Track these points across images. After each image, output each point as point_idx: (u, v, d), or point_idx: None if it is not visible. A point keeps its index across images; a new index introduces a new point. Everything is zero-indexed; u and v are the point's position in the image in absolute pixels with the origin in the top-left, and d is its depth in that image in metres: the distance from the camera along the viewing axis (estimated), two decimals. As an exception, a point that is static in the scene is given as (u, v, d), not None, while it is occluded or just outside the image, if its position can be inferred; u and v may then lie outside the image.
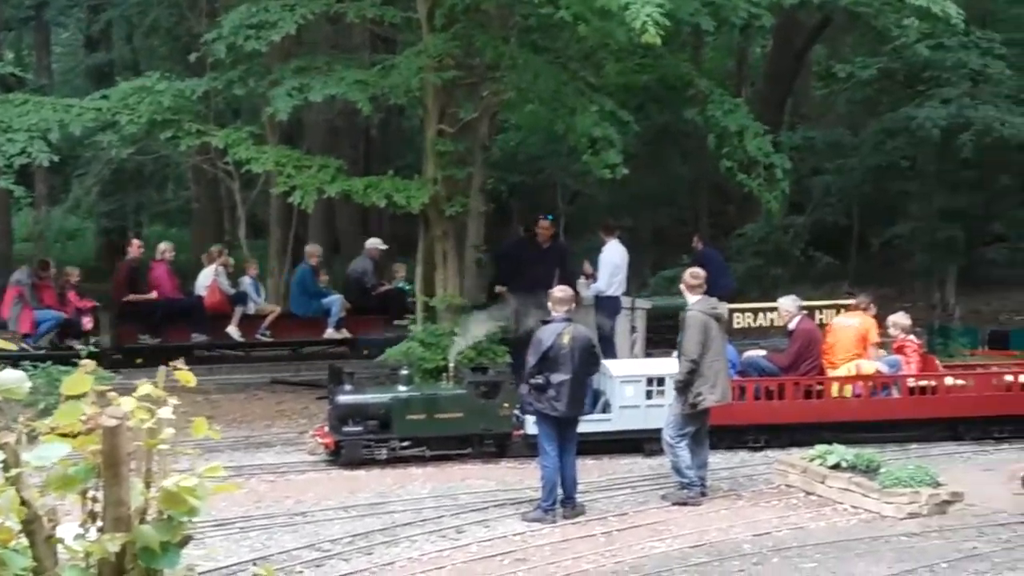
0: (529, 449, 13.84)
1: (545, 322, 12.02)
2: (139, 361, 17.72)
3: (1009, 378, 15.74)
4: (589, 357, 11.80)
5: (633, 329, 17.86)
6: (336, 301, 20.43)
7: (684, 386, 12.14)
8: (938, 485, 11.88)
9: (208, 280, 20.38)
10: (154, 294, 19.97)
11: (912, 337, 16.19)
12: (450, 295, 17.02)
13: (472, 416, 13.81)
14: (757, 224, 26.45)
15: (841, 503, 12.00)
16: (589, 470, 12.47)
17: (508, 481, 12.94)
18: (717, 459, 13.66)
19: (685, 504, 12.00)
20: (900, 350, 15.85)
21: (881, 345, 15.83)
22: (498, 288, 17.85)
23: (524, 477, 12.97)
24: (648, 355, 17.00)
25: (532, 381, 11.67)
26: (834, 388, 15.09)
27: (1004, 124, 21.86)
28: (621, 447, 14.00)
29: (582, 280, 17.98)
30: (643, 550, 10.46)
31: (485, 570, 9.88)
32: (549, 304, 12.12)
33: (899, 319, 16.25)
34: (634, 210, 30.86)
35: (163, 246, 21.00)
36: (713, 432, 13.06)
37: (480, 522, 11.37)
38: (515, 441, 13.98)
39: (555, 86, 16.34)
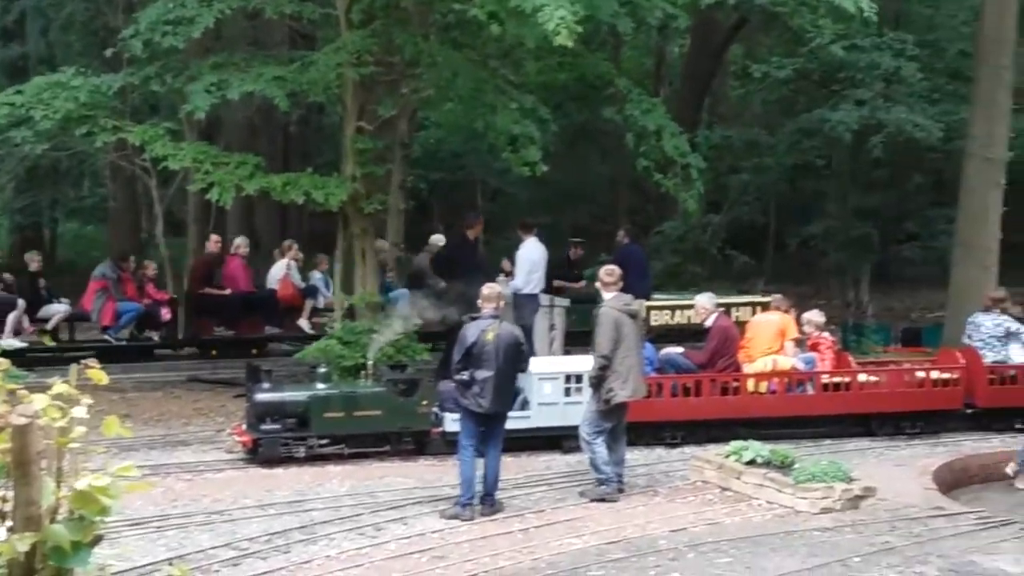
0: (448, 447, 13.86)
1: (473, 318, 12.11)
2: (214, 352, 18.73)
3: (921, 374, 15.99)
4: (515, 354, 11.84)
5: (552, 327, 17.94)
6: (403, 296, 20.36)
7: (597, 382, 12.23)
8: (851, 480, 12.03)
9: (280, 274, 21.34)
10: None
11: (826, 334, 16.42)
12: (369, 293, 17.00)
13: (390, 414, 13.79)
14: (675, 222, 26.67)
15: (756, 499, 12.12)
16: (507, 467, 12.49)
17: (427, 479, 12.94)
18: (635, 455, 13.76)
19: (603, 500, 12.07)
20: (814, 347, 16.06)
21: (798, 342, 16.01)
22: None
23: (443, 475, 12.99)
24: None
25: (457, 377, 11.78)
26: (750, 384, 15.26)
27: (915, 126, 22.24)
28: (539, 444, 14.06)
29: (501, 277, 18.03)
30: (560, 547, 10.51)
31: (403, 568, 9.88)
32: (478, 301, 12.18)
33: (813, 316, 16.46)
34: (554, 207, 31.04)
35: (239, 241, 21.76)
36: (631, 429, 13.16)
37: (399, 520, 11.35)
38: (434, 439, 13.99)
39: (474, 84, 16.37)
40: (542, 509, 11.80)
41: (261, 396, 13.64)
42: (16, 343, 18.57)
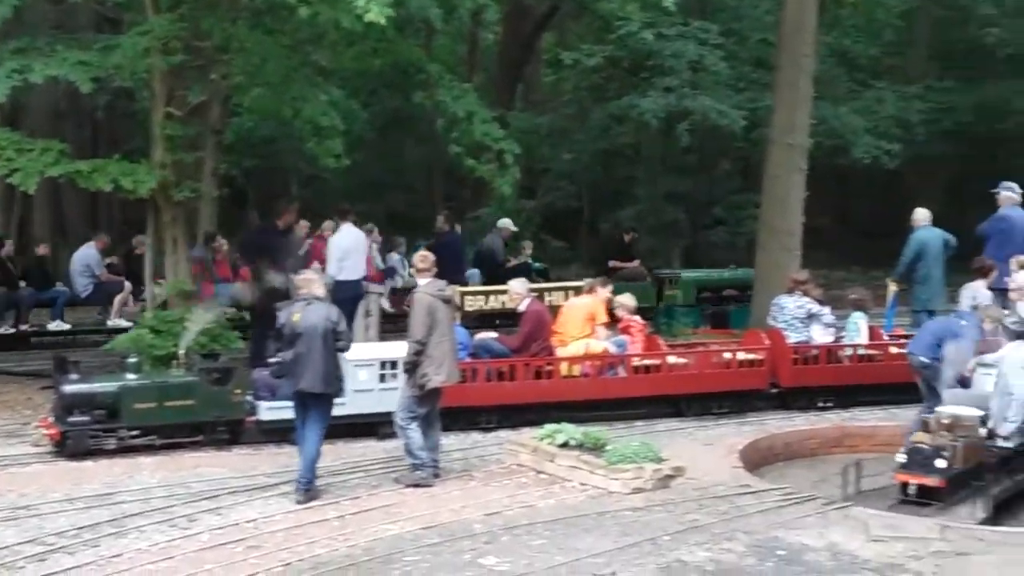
0: (262, 435, 13.80)
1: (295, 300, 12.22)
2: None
3: (728, 356, 16.40)
4: (327, 335, 11.86)
5: (367, 313, 17.91)
6: (473, 275, 21.77)
7: (412, 368, 12.27)
8: (661, 460, 12.30)
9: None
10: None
11: (637, 317, 16.73)
12: (180, 281, 16.72)
13: (203, 403, 13.60)
14: (490, 208, 26.84)
15: (570, 481, 12.29)
16: (323, 454, 12.43)
17: (241, 468, 12.81)
18: (450, 440, 13.84)
19: (418, 486, 12.11)
20: (626, 330, 16.35)
21: (609, 325, 16.26)
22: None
23: (257, 464, 12.91)
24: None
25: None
26: (563, 368, 15.46)
27: (720, 113, 22.77)
28: (355, 431, 14.02)
29: (315, 265, 17.91)
30: (376, 533, 10.52)
31: (217, 559, 9.78)
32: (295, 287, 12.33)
33: (625, 300, 16.76)
34: (369, 194, 30.94)
35: (327, 224, 21.63)
36: (446, 414, 13.22)
37: (212, 510, 11.22)
38: (248, 428, 13.88)
39: (284, 70, 16.22)
40: (358, 496, 11.79)
41: (69, 388, 13.33)
42: (123, 323, 19.74)
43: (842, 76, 29.76)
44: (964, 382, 13.66)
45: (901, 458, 12.24)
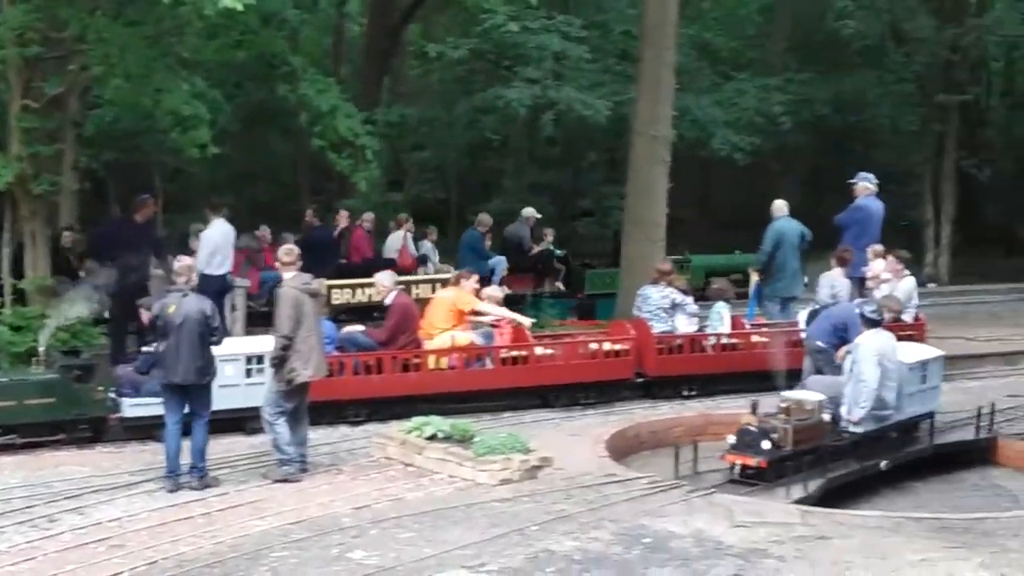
0: (126, 432, 13.60)
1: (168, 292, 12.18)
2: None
3: (594, 346, 16.55)
4: (201, 326, 11.86)
5: (233, 307, 17.74)
6: (500, 262, 22.31)
7: (279, 362, 12.20)
8: (529, 451, 12.39)
9: (398, 244, 22.76)
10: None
11: (504, 309, 16.76)
12: (40, 277, 16.42)
13: (65, 401, 13.35)
14: (354, 201, 26.69)
15: (438, 473, 12.32)
16: (184, 450, 12.28)
17: (104, 466, 12.61)
18: (318, 435, 13.78)
19: (286, 481, 12.05)
20: (493, 322, 16.40)
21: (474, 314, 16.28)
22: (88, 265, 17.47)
23: (121, 461, 12.73)
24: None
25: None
26: (431, 361, 15.47)
27: (584, 105, 22.94)
28: (221, 426, 13.82)
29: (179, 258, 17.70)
30: (243, 529, 10.45)
31: (79, 559, 9.62)
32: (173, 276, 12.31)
33: (492, 292, 16.83)
34: (235, 186, 30.63)
35: (367, 215, 23.35)
36: (314, 408, 13.16)
37: (75, 510, 11.04)
38: (112, 425, 13.67)
39: (144, 61, 15.97)
40: (225, 492, 11.69)
41: (-76, 387, 13.02)
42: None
43: (704, 68, 30.18)
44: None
45: (731, 439, 12.60)
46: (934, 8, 30.86)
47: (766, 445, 12.44)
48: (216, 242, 17.43)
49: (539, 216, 24.12)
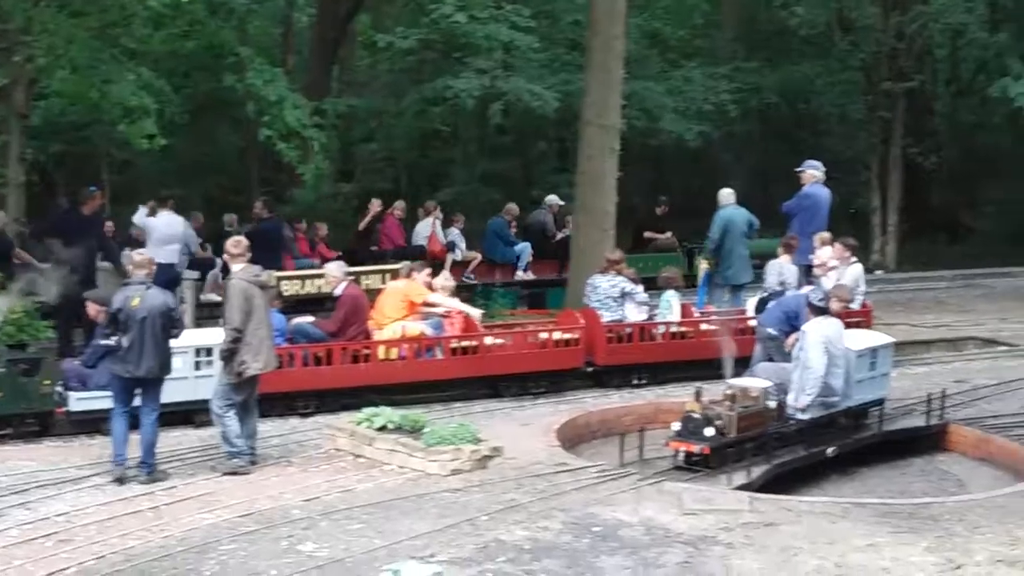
0: (73, 427, 13.52)
1: (126, 285, 12.10)
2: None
3: (544, 335, 16.59)
4: (164, 319, 11.84)
5: (181, 300, 17.66)
6: (525, 248, 23.60)
7: (229, 355, 12.16)
8: (479, 441, 12.41)
9: (427, 231, 23.14)
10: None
11: (456, 300, 16.76)
12: (-15, 272, 16.27)
13: (11, 395, 13.22)
14: (305, 191, 26.60)
15: (388, 464, 12.32)
16: (137, 444, 12.24)
17: (52, 460, 12.52)
18: (268, 427, 13.77)
19: (235, 474, 12.01)
20: (444, 313, 16.39)
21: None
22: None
23: (68, 456, 12.65)
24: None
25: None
26: (381, 351, 15.45)
27: (533, 95, 22.95)
28: (170, 419, 13.74)
29: (127, 251, 17.59)
30: (192, 522, 10.42)
31: (27, 554, 9.56)
32: (129, 267, 12.31)
33: (443, 282, 16.82)
34: (183, 178, 30.41)
35: (398, 204, 23.63)
36: (264, 400, 13.14)
37: (21, 504, 10.95)
38: (59, 419, 13.57)
39: (90, 52, 15.85)
40: (173, 485, 11.65)
41: None
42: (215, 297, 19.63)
43: (653, 57, 30.24)
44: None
45: (676, 426, 12.69)
46: (881, -4, 31.09)
47: (709, 432, 12.56)
48: (165, 233, 17.36)
49: (562, 203, 24.72)
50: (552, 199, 24.85)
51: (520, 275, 23.51)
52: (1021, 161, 34.34)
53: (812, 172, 19.59)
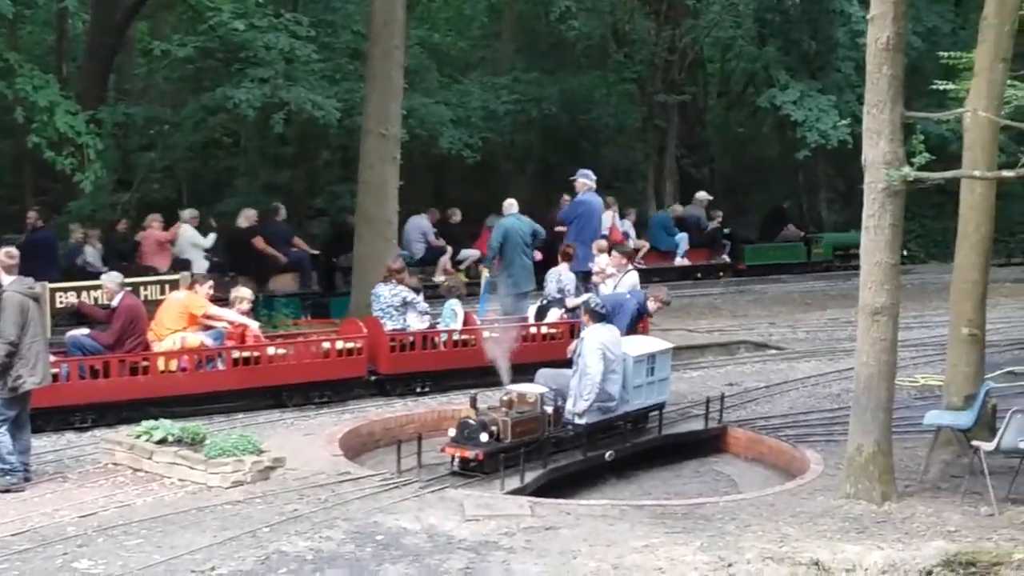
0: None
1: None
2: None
3: (326, 345, 16.59)
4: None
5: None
6: (684, 238, 28.31)
7: (3, 369, 11.88)
8: (261, 452, 12.37)
9: (609, 222, 24.49)
10: None
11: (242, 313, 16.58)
12: None
13: None
14: (83, 201, 25.96)
15: (169, 477, 12.19)
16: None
17: None
18: (42, 442, 13.48)
19: (8, 491, 11.74)
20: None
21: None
22: None
23: None
24: None
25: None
26: (160, 363, 15.24)
27: (314, 105, 22.89)
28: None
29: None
30: (-38, 542, 10.15)
31: None
32: None
33: (242, 293, 16.69)
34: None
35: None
36: (38, 415, 12.89)
37: None
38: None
39: None
40: (-58, 505, 11.33)
41: None
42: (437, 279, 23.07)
43: (432, 68, 30.41)
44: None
45: (452, 432, 12.91)
46: (653, 11, 31.86)
47: (484, 438, 12.79)
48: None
49: (711, 198, 29.49)
50: (702, 195, 29.71)
51: (679, 261, 28.21)
52: (788, 171, 35.58)
53: (584, 180, 20.17)
